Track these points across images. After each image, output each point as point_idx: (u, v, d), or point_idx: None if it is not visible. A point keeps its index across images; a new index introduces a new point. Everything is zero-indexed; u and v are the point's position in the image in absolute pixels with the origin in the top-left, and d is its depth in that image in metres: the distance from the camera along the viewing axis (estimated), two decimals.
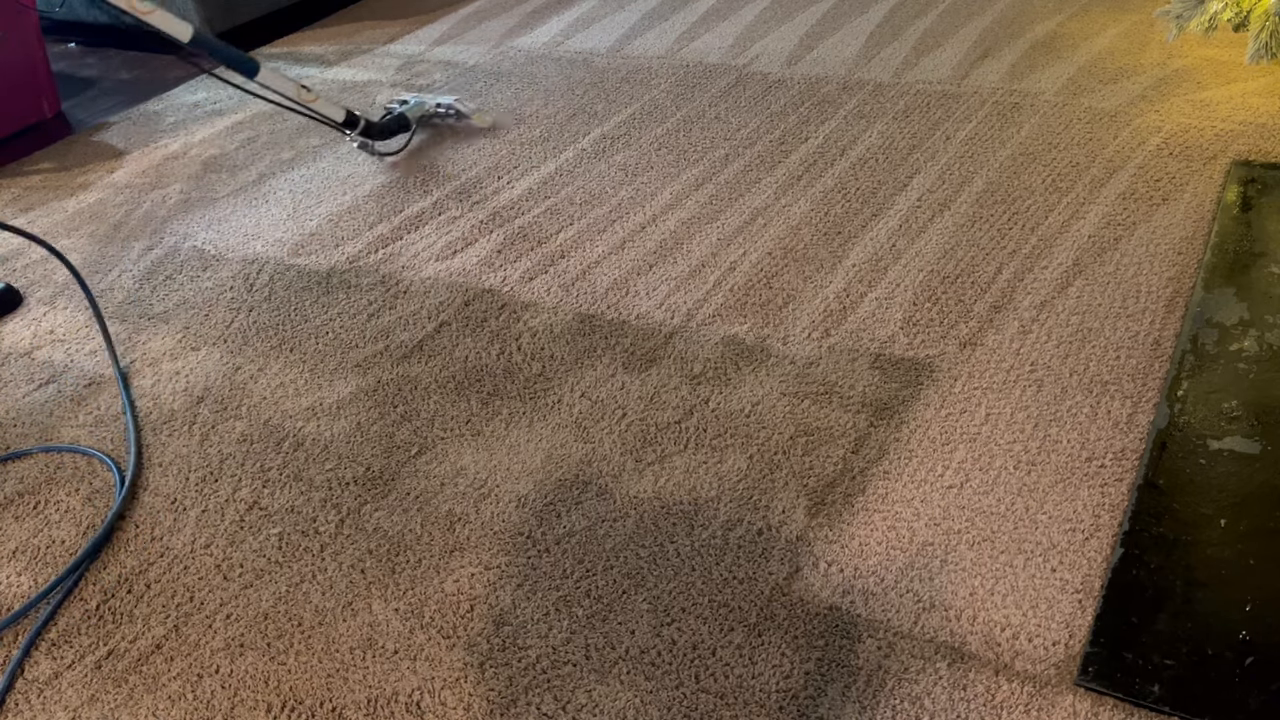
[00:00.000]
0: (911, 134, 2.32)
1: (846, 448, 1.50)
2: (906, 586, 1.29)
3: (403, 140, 2.54)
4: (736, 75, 2.72)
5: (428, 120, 2.65)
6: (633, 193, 2.24)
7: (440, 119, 2.65)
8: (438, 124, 2.65)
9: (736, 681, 1.20)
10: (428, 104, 2.63)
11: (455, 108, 2.62)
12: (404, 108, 2.58)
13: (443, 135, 2.60)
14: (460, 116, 2.63)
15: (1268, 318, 1.62)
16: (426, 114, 2.63)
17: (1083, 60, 2.56)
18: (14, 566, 1.51)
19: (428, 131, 2.62)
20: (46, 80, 3.04)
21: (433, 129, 2.63)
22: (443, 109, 2.63)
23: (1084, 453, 1.43)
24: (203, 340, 1.96)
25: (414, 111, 2.58)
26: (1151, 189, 2.00)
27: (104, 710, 1.28)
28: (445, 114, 2.64)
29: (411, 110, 2.57)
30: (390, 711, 1.23)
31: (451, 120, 2.64)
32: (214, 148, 2.74)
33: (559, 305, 1.91)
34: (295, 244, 2.23)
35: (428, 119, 2.64)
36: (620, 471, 1.52)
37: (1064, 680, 1.15)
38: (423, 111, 2.61)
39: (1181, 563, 1.26)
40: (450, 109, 2.62)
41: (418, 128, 2.58)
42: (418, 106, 2.60)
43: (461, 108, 2.62)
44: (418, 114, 2.59)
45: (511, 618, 1.32)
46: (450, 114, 2.64)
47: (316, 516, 1.52)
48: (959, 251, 1.90)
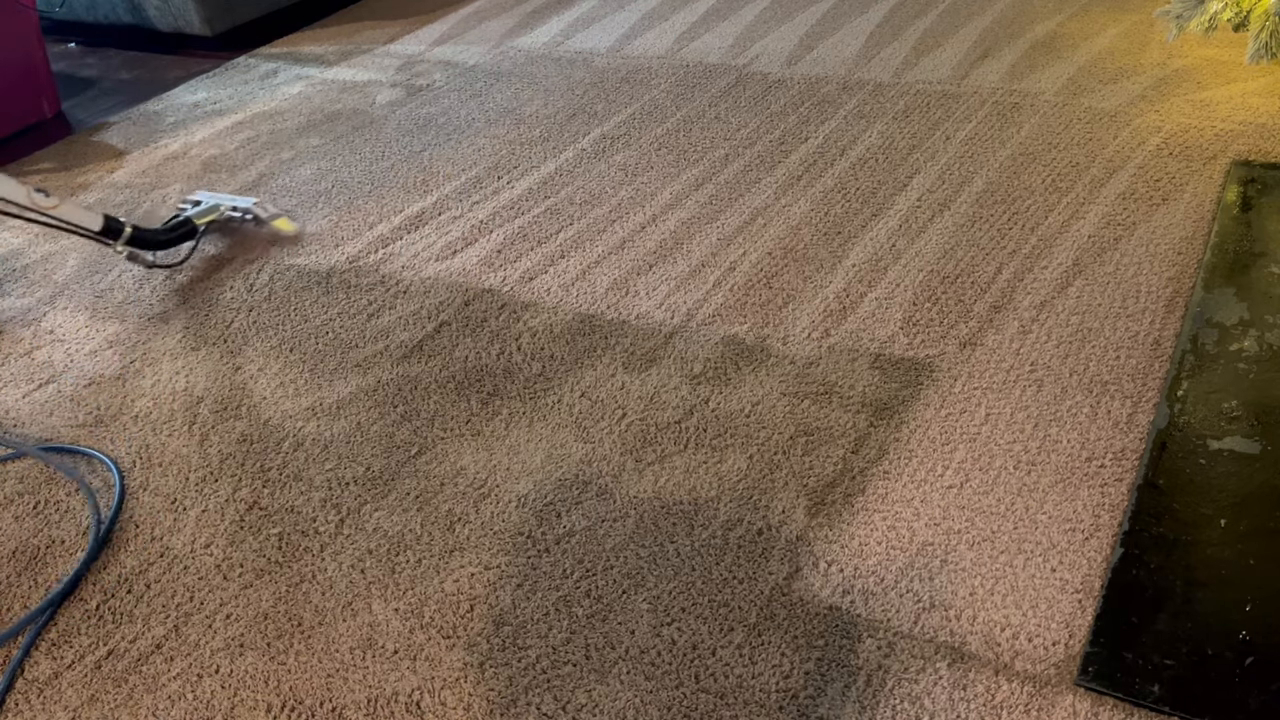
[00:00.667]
0: (911, 134, 2.32)
1: (846, 448, 1.50)
2: (906, 586, 1.28)
3: (185, 251, 2.21)
4: (736, 75, 2.72)
5: (220, 226, 2.30)
6: (633, 193, 2.24)
7: (237, 223, 2.31)
8: (237, 228, 2.31)
9: (736, 681, 1.20)
10: (222, 206, 2.28)
11: (254, 212, 2.27)
12: (193, 210, 2.26)
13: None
14: (259, 222, 2.28)
15: (1268, 318, 1.62)
16: (218, 218, 2.28)
17: (1083, 60, 2.56)
18: (14, 566, 1.51)
19: (226, 238, 2.29)
20: (46, 80, 3.04)
21: (231, 234, 2.30)
22: (239, 213, 2.28)
23: (1084, 453, 1.43)
24: (203, 340, 1.96)
25: (203, 215, 2.24)
26: (1151, 189, 2.00)
27: (104, 710, 1.28)
28: (242, 218, 2.29)
29: (200, 214, 2.24)
30: (390, 711, 1.23)
31: (250, 225, 2.30)
32: (214, 148, 2.74)
33: (559, 305, 1.91)
34: (295, 244, 2.23)
35: (220, 223, 2.30)
36: (620, 471, 1.52)
37: (1064, 680, 1.15)
38: (214, 215, 2.26)
39: (1181, 563, 1.26)
40: (248, 213, 2.28)
41: (204, 234, 2.23)
42: (209, 210, 2.26)
43: (261, 212, 2.27)
44: (207, 218, 2.25)
45: (511, 618, 1.32)
46: (248, 218, 2.29)
47: (316, 516, 1.52)
48: (959, 251, 1.90)
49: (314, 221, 2.31)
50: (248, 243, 2.25)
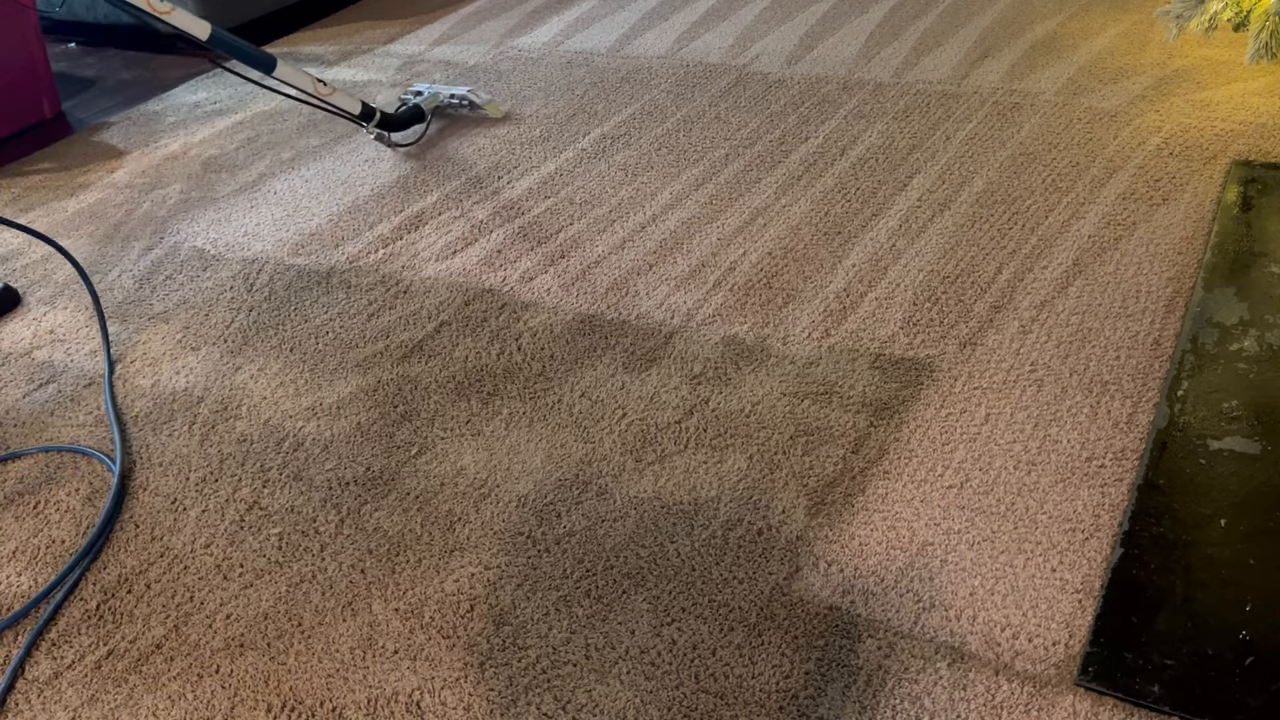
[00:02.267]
0: (911, 134, 2.32)
1: (846, 448, 1.50)
2: (906, 586, 1.29)
3: (418, 131, 2.57)
4: (736, 75, 2.72)
5: (442, 111, 2.67)
6: (633, 192, 2.24)
7: (454, 109, 2.68)
8: (451, 114, 2.67)
9: (736, 681, 1.20)
10: (442, 95, 2.65)
11: (469, 98, 2.64)
12: (418, 99, 2.61)
13: (457, 125, 2.63)
14: (474, 107, 2.65)
15: (1268, 318, 1.62)
16: (440, 105, 2.65)
17: (1083, 60, 2.56)
18: (14, 566, 1.51)
19: (443, 121, 2.65)
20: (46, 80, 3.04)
21: (447, 119, 2.66)
22: (456, 99, 2.65)
23: (1084, 453, 1.43)
24: (203, 340, 1.96)
25: (428, 102, 2.61)
26: (1151, 189, 2.00)
27: (104, 710, 1.28)
28: (459, 104, 2.66)
29: (426, 101, 2.61)
30: (390, 711, 1.23)
31: (465, 111, 2.67)
32: (214, 148, 2.74)
33: (559, 305, 1.91)
34: (295, 244, 2.23)
35: (442, 109, 2.67)
36: (620, 471, 1.52)
37: (1064, 680, 1.15)
38: (437, 102, 2.64)
39: (1181, 563, 1.26)
40: (464, 99, 2.65)
41: (432, 118, 2.62)
42: (432, 97, 2.63)
43: (475, 98, 2.64)
44: (432, 105, 2.62)
45: (511, 618, 1.32)
46: (464, 104, 2.66)
47: (316, 516, 1.52)
48: (959, 251, 1.90)
49: (314, 222, 2.31)
50: (463, 123, 2.65)
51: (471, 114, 2.66)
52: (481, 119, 2.63)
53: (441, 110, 2.67)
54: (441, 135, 2.62)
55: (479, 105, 2.64)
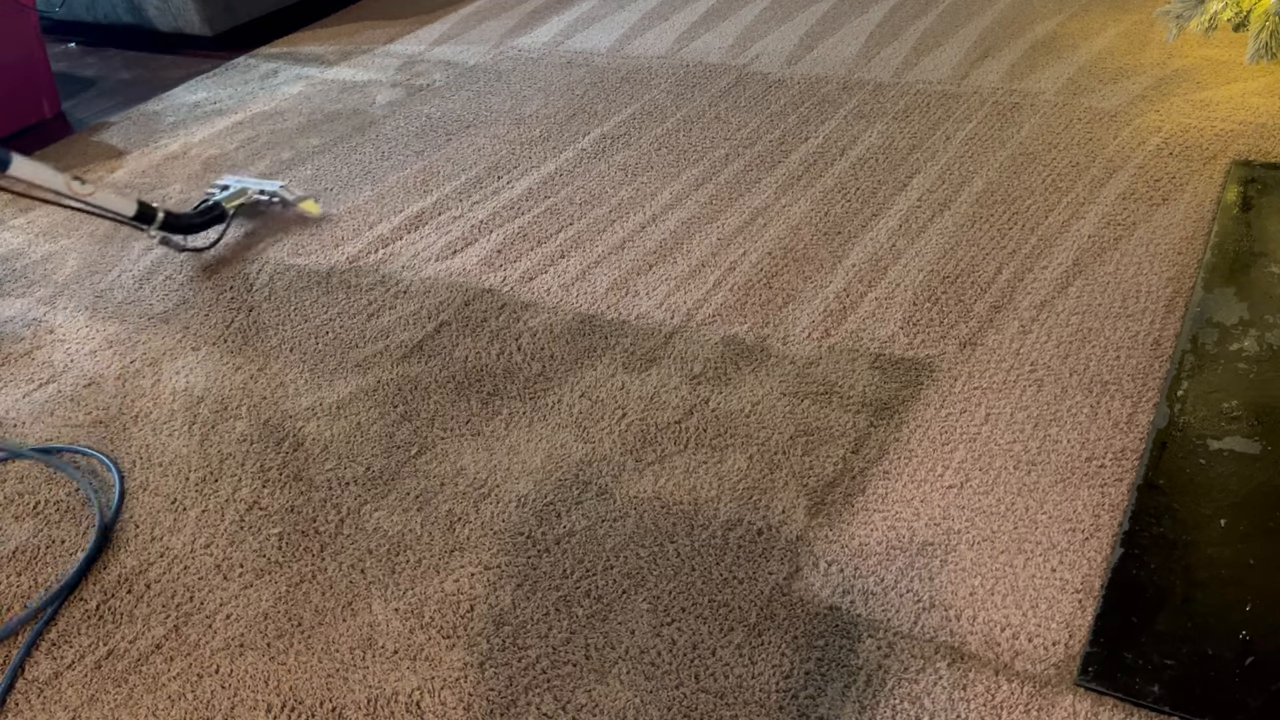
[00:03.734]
0: (911, 134, 2.32)
1: (846, 448, 1.50)
2: (906, 586, 1.29)
3: (218, 231, 2.28)
4: (736, 75, 2.72)
5: (251, 208, 2.37)
6: (633, 193, 2.24)
7: (265, 206, 2.38)
8: (263, 211, 2.38)
9: (736, 681, 1.20)
10: (250, 190, 2.36)
11: (280, 195, 2.35)
12: (221, 195, 2.33)
13: (267, 225, 2.34)
14: (286, 204, 2.36)
15: (1268, 318, 1.62)
16: (246, 202, 2.35)
17: (1083, 60, 2.56)
18: (14, 566, 1.51)
19: (253, 221, 2.35)
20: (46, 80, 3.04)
21: (258, 217, 2.37)
22: (266, 196, 2.36)
23: (1084, 453, 1.43)
24: (203, 340, 1.96)
25: (232, 200, 2.32)
26: (1151, 189, 2.00)
27: (104, 710, 1.28)
28: (270, 201, 2.36)
29: (229, 198, 2.32)
30: (390, 711, 1.23)
31: (278, 208, 2.37)
32: (214, 148, 2.74)
33: (559, 305, 1.91)
34: (295, 244, 2.23)
35: (249, 206, 2.37)
36: (620, 471, 1.52)
37: (1064, 680, 1.15)
38: (242, 199, 2.34)
39: (1181, 563, 1.26)
40: (274, 196, 2.35)
41: (234, 217, 2.32)
42: (237, 194, 2.34)
43: (287, 195, 2.34)
44: (236, 202, 2.32)
45: (511, 618, 1.32)
46: (275, 201, 2.36)
47: (316, 516, 1.52)
48: (959, 251, 1.90)
49: (314, 222, 2.31)
50: (273, 224, 2.33)
51: (284, 212, 2.36)
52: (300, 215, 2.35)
53: (248, 208, 2.36)
54: (441, 136, 2.62)
55: (290, 202, 2.35)
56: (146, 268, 2.22)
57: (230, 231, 2.30)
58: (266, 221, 2.34)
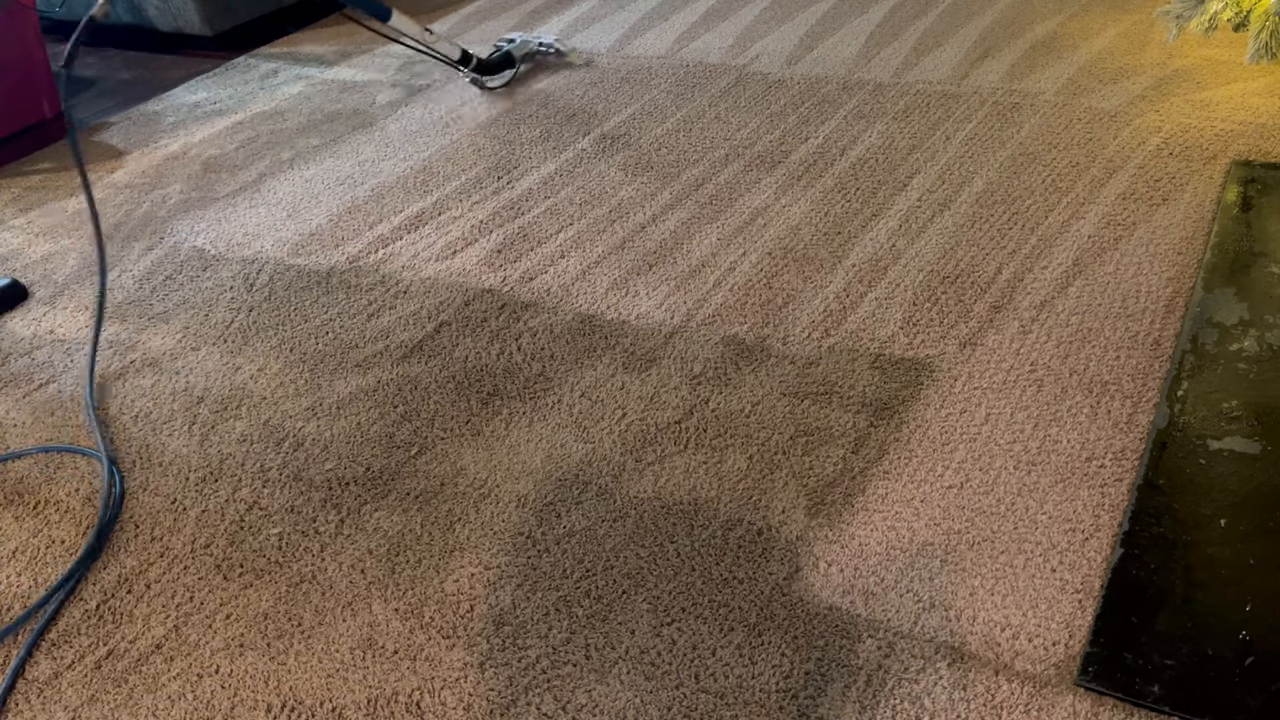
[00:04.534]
0: (911, 134, 2.32)
1: (846, 448, 1.50)
2: (906, 586, 1.29)
3: (507, 75, 2.85)
4: (736, 75, 2.72)
5: (531, 57, 2.94)
6: (633, 193, 2.24)
7: (542, 56, 2.96)
8: (540, 60, 2.94)
9: (736, 681, 1.20)
10: (531, 43, 2.94)
11: (555, 46, 2.94)
12: (510, 45, 2.88)
13: (541, 70, 2.91)
14: (559, 54, 2.94)
15: (1268, 318, 1.62)
16: (530, 52, 2.93)
17: (1083, 60, 2.56)
18: (14, 566, 1.51)
19: (530, 65, 2.93)
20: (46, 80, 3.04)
21: (535, 64, 2.93)
22: (544, 47, 2.95)
23: (1084, 453, 1.43)
24: (203, 340, 1.96)
25: (519, 50, 2.88)
26: (1151, 189, 2.00)
27: (104, 710, 1.28)
28: (546, 52, 2.95)
29: (517, 48, 2.88)
30: (390, 711, 1.23)
31: (552, 57, 2.95)
32: (214, 148, 2.74)
33: (559, 305, 1.91)
34: (295, 244, 2.23)
35: (531, 56, 2.94)
36: (620, 471, 1.52)
37: (1064, 680, 1.15)
38: (527, 50, 2.91)
39: (1181, 563, 1.26)
40: (550, 47, 2.94)
41: (522, 64, 2.89)
42: (522, 45, 2.90)
43: (560, 46, 2.94)
44: (522, 52, 2.89)
45: (511, 618, 1.32)
46: (550, 52, 2.95)
47: (316, 516, 1.52)
48: (959, 251, 1.90)
49: (314, 222, 2.31)
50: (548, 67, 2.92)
51: (558, 60, 2.94)
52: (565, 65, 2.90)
53: (531, 56, 2.94)
54: (441, 136, 2.62)
55: (563, 53, 2.93)
56: (146, 268, 2.22)
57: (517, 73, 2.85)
58: (544, 66, 2.93)
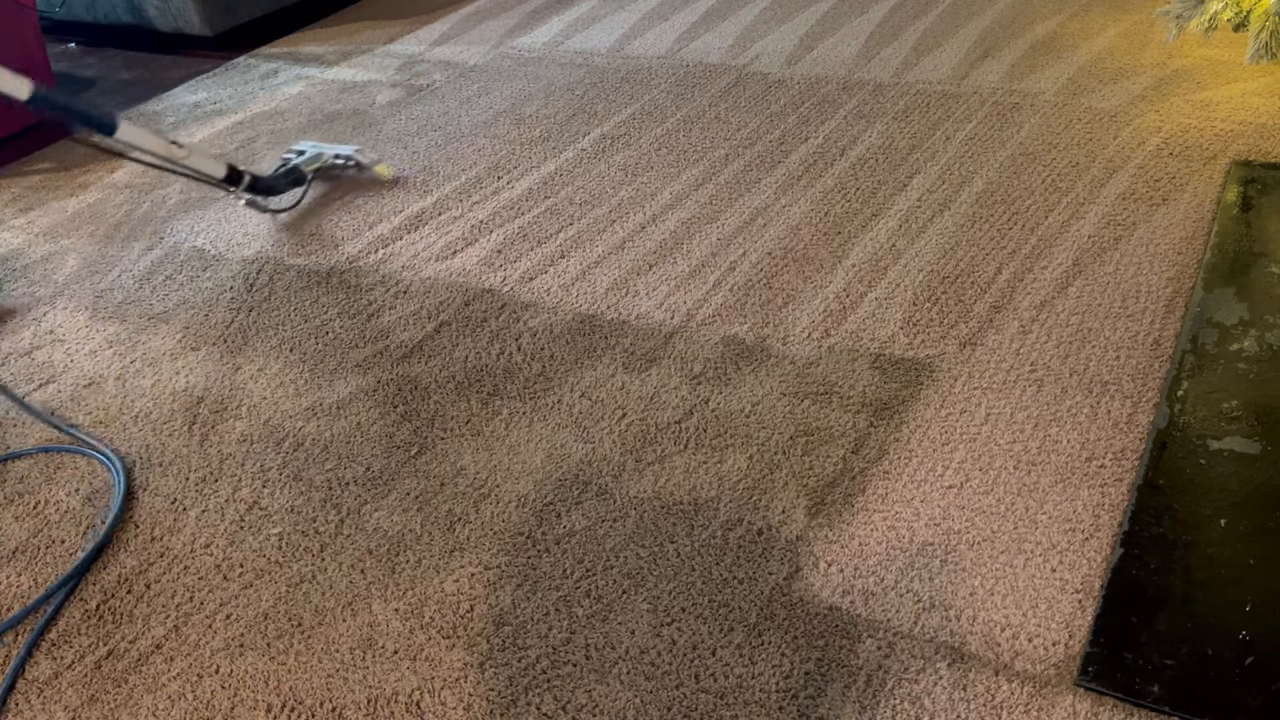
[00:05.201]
0: (911, 134, 2.32)
1: (846, 448, 1.50)
2: (906, 586, 1.28)
3: (296, 195, 2.36)
4: (736, 75, 2.72)
5: (325, 172, 2.45)
6: (633, 193, 2.24)
7: (339, 170, 2.45)
8: (337, 175, 2.46)
9: (736, 681, 1.20)
10: (325, 154, 2.44)
11: (355, 158, 2.42)
12: (299, 159, 2.40)
13: (342, 189, 2.41)
14: (361, 168, 2.43)
15: (1268, 318, 1.62)
16: (323, 166, 2.43)
17: (1083, 60, 2.56)
18: (14, 566, 1.51)
19: (327, 184, 2.43)
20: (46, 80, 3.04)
21: (332, 181, 2.44)
22: (341, 160, 2.44)
23: (1084, 453, 1.43)
24: (203, 340, 1.96)
25: (310, 164, 2.40)
26: (1151, 189, 2.00)
27: (104, 710, 1.28)
28: (345, 165, 2.44)
29: (307, 162, 2.40)
30: (390, 711, 1.23)
31: (352, 172, 2.44)
32: (214, 148, 2.74)
33: (559, 305, 1.91)
34: (295, 244, 2.23)
35: (325, 170, 2.44)
36: (620, 471, 1.52)
37: (1064, 680, 1.15)
38: (319, 164, 2.42)
39: (1181, 563, 1.26)
40: (350, 160, 2.43)
41: (313, 181, 2.39)
42: (314, 158, 2.42)
43: (362, 159, 2.42)
44: (314, 166, 2.40)
45: (511, 618, 1.32)
46: (350, 165, 2.44)
47: (316, 516, 1.52)
48: (959, 251, 1.90)
49: (314, 222, 2.31)
50: (347, 186, 2.42)
51: (359, 175, 2.43)
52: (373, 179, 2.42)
53: (325, 171, 2.44)
54: (441, 136, 2.62)
55: (366, 166, 2.42)
56: (146, 268, 2.22)
57: (309, 194, 2.39)
58: (342, 184, 2.43)
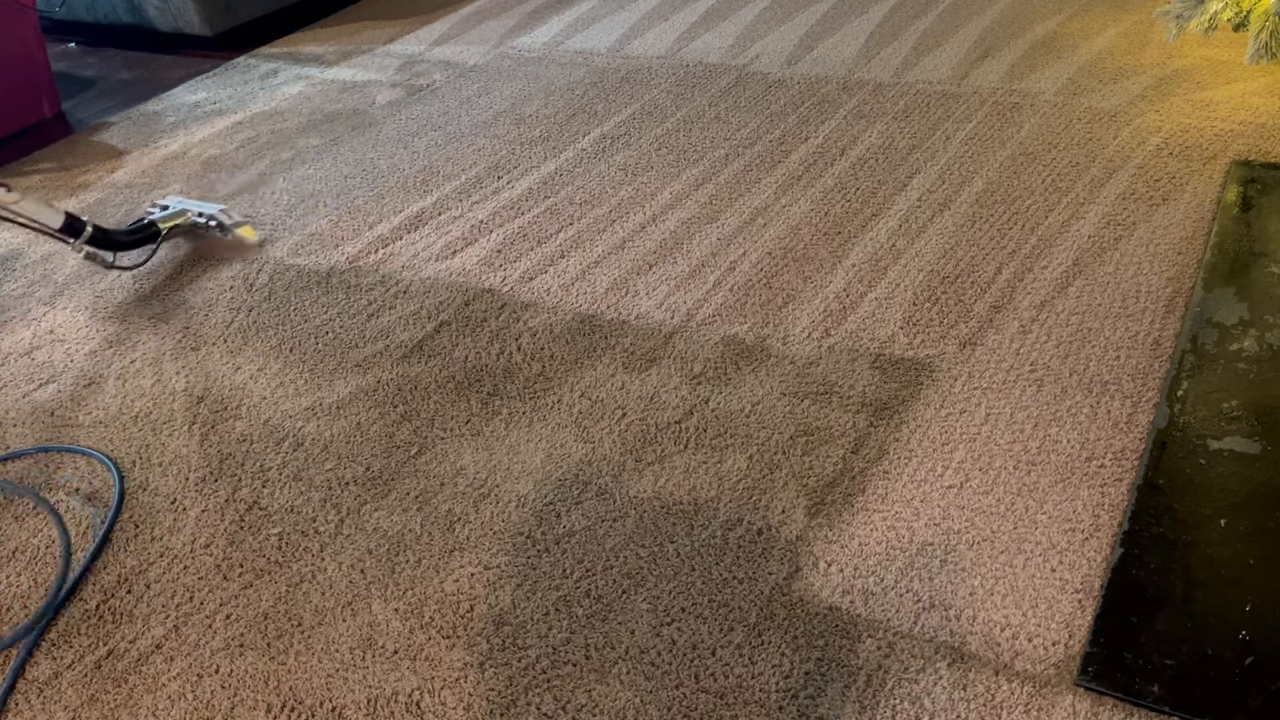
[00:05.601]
0: (911, 134, 2.32)
1: (846, 448, 1.50)
2: (906, 586, 1.28)
3: (147, 251, 2.21)
4: (736, 75, 2.72)
5: (184, 231, 2.30)
6: (633, 193, 2.24)
7: (202, 229, 2.29)
8: (201, 235, 2.30)
9: (736, 681, 1.20)
10: (189, 212, 2.28)
11: (218, 218, 2.27)
12: (159, 214, 2.27)
13: (202, 249, 2.27)
14: (223, 229, 2.26)
15: (1268, 318, 1.62)
16: (183, 224, 2.28)
17: (1083, 60, 2.56)
18: (14, 566, 1.51)
19: (192, 242, 2.30)
20: (46, 80, 3.04)
21: (196, 239, 2.30)
22: (204, 219, 2.27)
23: (1084, 453, 1.43)
24: (203, 340, 1.96)
25: (168, 220, 2.25)
26: (1151, 189, 2.00)
27: (104, 710, 1.28)
28: (207, 224, 2.27)
29: (165, 218, 2.25)
30: (390, 711, 1.23)
31: (216, 233, 2.28)
32: (214, 148, 2.74)
33: (559, 305, 1.91)
34: (295, 244, 2.23)
35: (184, 228, 2.29)
36: (620, 471, 1.52)
37: (1064, 680, 1.15)
38: (179, 220, 2.27)
39: (1181, 563, 1.26)
40: (212, 219, 2.27)
41: (166, 237, 2.24)
42: (174, 214, 2.27)
43: (225, 219, 2.27)
44: (172, 223, 2.25)
45: (511, 618, 1.32)
46: (212, 224, 2.27)
47: (316, 516, 1.52)
48: (959, 251, 1.90)
49: (314, 222, 2.31)
50: (210, 249, 2.26)
51: (223, 236, 2.27)
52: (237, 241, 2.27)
53: (184, 229, 2.29)
54: (441, 136, 2.62)
55: (228, 227, 2.26)
56: (147, 268, 2.22)
57: (163, 252, 2.23)
58: (203, 245, 2.27)
